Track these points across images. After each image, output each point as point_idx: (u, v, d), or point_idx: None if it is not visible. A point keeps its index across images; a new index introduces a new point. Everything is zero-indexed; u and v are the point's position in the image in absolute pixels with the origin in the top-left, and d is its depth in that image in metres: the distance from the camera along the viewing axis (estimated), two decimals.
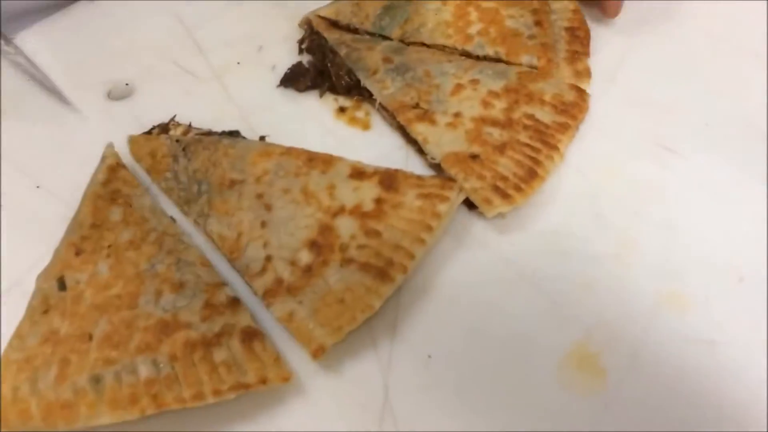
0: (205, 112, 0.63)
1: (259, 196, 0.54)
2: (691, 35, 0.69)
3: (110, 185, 0.56)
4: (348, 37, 0.67)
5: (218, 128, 0.61)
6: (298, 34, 0.70)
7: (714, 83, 0.64)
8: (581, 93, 0.61)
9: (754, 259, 0.54)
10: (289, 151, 0.57)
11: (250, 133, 0.61)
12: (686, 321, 0.51)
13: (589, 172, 0.59)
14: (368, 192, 0.54)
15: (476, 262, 0.54)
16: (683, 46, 0.68)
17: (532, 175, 0.55)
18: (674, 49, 0.67)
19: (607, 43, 0.68)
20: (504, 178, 0.55)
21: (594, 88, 0.62)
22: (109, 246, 0.52)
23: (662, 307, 0.51)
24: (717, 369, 0.49)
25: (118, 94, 0.66)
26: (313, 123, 0.63)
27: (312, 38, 0.68)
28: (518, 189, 0.55)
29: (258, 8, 0.73)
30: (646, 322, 0.51)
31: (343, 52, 0.64)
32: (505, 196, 0.54)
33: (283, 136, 0.60)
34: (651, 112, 0.62)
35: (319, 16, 0.69)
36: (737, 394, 0.48)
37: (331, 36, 0.66)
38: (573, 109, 0.59)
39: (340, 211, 0.53)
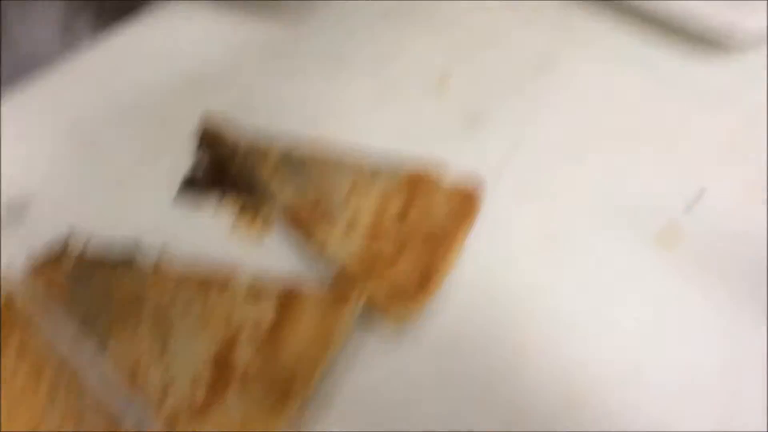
0: (103, 223, 0.62)
1: (158, 321, 0.54)
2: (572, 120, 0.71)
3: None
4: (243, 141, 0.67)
5: (117, 240, 0.60)
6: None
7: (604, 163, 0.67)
8: (476, 186, 0.62)
9: (652, 347, 0.54)
10: (186, 274, 0.57)
11: (150, 244, 0.60)
12: (584, 419, 0.51)
13: (486, 267, 0.59)
14: (266, 313, 0.54)
15: (378, 367, 0.54)
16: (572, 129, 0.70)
17: (431, 274, 0.56)
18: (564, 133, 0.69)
19: (499, 129, 0.69)
20: (404, 279, 0.56)
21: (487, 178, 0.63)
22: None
23: (562, 407, 0.52)
24: None
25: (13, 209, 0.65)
26: (212, 230, 0.63)
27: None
28: (418, 290, 0.55)
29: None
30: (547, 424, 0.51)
31: (239, 155, 0.65)
32: (405, 298, 0.55)
33: (182, 246, 0.60)
34: (541, 204, 0.64)
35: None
36: None
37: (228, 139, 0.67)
38: (468, 203, 0.60)
39: (238, 334, 0.53)
